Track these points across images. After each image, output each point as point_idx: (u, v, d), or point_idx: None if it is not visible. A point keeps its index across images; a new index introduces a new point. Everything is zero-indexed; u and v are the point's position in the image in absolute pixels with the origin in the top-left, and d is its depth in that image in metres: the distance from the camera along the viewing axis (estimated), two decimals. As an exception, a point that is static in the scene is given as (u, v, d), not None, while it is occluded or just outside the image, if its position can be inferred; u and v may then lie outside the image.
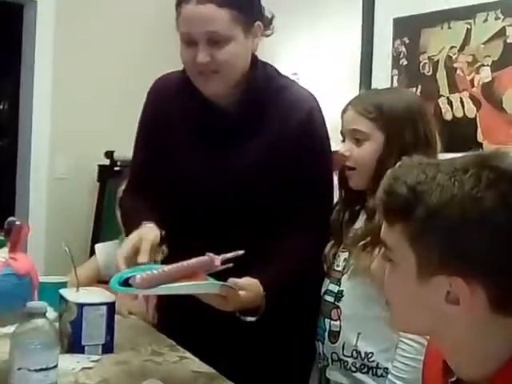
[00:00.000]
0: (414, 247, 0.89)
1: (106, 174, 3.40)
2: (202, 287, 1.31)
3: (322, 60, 3.05)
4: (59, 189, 3.40)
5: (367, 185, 1.51)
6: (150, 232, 1.47)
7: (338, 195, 1.62)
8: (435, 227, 0.87)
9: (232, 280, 1.37)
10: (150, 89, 1.74)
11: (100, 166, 3.45)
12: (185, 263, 1.18)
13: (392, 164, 1.42)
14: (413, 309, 0.93)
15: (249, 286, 1.41)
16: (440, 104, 2.54)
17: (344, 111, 1.56)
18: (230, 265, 1.33)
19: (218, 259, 1.31)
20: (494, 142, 2.39)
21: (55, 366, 1.04)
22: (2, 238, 1.30)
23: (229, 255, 1.34)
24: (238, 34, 1.50)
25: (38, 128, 3.45)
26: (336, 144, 1.62)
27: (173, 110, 1.65)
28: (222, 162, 1.58)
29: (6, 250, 1.29)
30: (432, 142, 1.50)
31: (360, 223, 1.52)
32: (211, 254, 1.30)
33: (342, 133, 1.58)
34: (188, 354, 1.54)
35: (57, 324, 1.50)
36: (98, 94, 3.51)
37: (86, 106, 3.48)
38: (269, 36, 1.62)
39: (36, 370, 1.00)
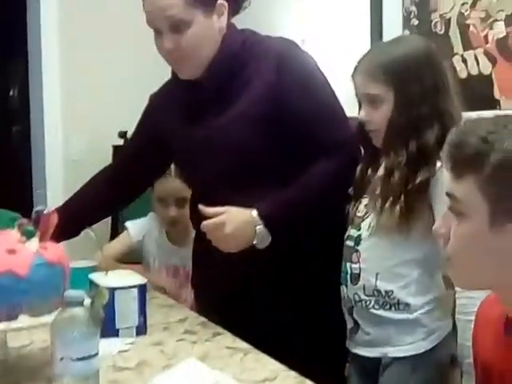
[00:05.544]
0: (486, 196, 0.92)
1: (121, 153, 3.40)
2: None
3: (330, 25, 3.01)
4: (75, 171, 3.40)
5: None
6: None
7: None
8: (510, 173, 0.89)
9: (201, 207, 1.53)
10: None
11: (114, 147, 3.44)
12: None
13: (402, 120, 1.47)
14: (482, 260, 0.96)
15: (225, 211, 1.51)
16: (454, 62, 2.49)
17: (353, 76, 1.56)
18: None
19: None
20: (511, 97, 2.35)
21: (96, 354, 1.05)
22: (31, 228, 1.30)
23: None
24: (197, 16, 1.55)
25: (50, 112, 3.45)
26: (354, 107, 1.61)
27: (171, 98, 1.74)
28: (212, 130, 1.62)
29: (35, 239, 1.29)
30: (444, 88, 1.49)
31: (382, 172, 1.53)
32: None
33: (356, 96, 1.57)
34: (220, 330, 1.56)
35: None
36: (108, 74, 3.49)
37: (96, 86, 3.47)
38: (246, 8, 1.68)
39: (78, 359, 1.01)
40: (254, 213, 1.53)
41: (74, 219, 1.74)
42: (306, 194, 1.58)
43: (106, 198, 1.85)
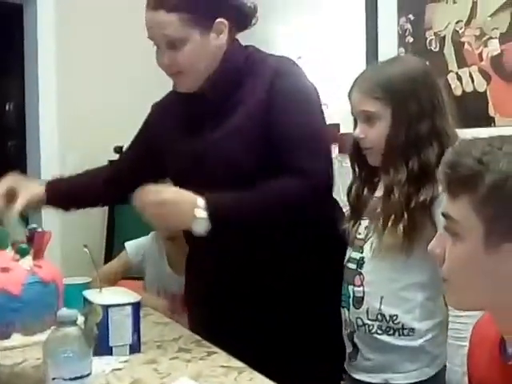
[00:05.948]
0: (481, 216, 0.92)
1: (117, 169, 3.40)
2: None
3: (326, 42, 3.03)
4: (71, 187, 3.40)
5: None
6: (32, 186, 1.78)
7: (352, 173, 1.62)
8: (505, 193, 0.89)
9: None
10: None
11: (110, 162, 3.44)
12: None
13: (400, 138, 1.47)
14: (476, 281, 0.95)
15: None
16: (449, 80, 2.51)
17: (350, 93, 1.56)
18: None
19: None
20: (506, 114, 2.36)
21: (89, 374, 1.04)
22: (25, 246, 1.30)
23: None
24: (192, 35, 1.57)
25: (46, 127, 3.45)
26: (348, 124, 1.61)
27: (172, 109, 1.76)
28: (208, 143, 1.62)
29: (29, 257, 1.28)
30: (440, 107, 1.50)
31: (380, 192, 1.53)
32: None
33: (352, 114, 1.57)
34: (215, 349, 1.55)
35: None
36: (104, 88, 3.51)
37: (92, 101, 3.47)
38: (253, 25, 1.69)
39: (71, 379, 1.00)
40: (200, 199, 1.49)
41: (62, 201, 1.88)
42: (258, 199, 1.54)
43: (101, 194, 1.92)
